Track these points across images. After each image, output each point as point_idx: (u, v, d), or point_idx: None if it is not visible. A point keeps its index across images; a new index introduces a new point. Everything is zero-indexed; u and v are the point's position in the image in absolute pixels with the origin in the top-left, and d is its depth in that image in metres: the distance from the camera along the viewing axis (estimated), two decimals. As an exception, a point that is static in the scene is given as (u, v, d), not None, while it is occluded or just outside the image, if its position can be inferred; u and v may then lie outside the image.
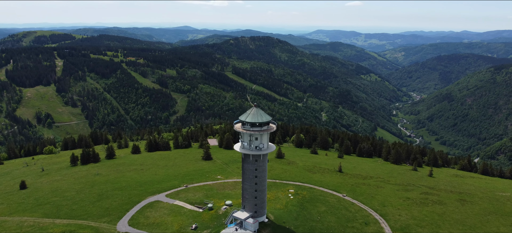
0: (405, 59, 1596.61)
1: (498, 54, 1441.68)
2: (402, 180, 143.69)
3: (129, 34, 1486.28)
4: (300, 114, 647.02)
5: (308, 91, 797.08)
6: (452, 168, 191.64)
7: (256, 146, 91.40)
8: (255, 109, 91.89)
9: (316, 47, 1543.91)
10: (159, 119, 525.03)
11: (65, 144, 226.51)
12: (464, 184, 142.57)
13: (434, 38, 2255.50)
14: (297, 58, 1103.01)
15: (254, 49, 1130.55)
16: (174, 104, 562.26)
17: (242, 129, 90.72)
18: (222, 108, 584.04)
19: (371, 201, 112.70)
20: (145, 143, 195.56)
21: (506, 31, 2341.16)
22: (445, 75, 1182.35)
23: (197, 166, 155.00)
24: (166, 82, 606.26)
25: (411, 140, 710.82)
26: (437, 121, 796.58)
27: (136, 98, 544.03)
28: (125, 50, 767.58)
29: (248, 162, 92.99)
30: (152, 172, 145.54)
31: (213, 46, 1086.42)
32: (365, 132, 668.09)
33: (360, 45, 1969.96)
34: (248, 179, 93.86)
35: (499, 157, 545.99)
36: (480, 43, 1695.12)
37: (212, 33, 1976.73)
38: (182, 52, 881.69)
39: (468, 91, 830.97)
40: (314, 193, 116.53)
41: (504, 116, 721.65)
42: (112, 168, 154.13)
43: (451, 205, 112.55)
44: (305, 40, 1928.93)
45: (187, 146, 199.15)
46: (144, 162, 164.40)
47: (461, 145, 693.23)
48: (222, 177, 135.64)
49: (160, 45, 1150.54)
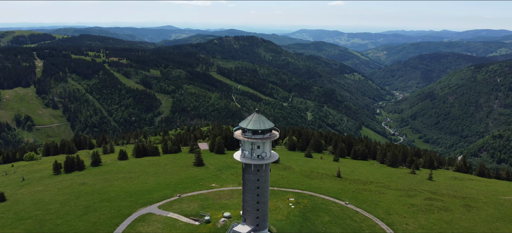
0: (387, 58, 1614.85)
1: (477, 53, 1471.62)
2: (403, 184, 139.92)
3: (111, 34, 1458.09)
4: (286, 113, 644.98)
5: (293, 90, 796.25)
6: (446, 169, 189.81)
7: (258, 155, 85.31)
8: (257, 115, 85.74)
9: (300, 47, 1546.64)
10: (144, 121, 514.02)
11: (47, 149, 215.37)
12: (465, 188, 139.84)
13: (415, 38, 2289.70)
14: (282, 57, 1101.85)
15: (238, 48, 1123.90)
16: (158, 105, 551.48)
17: (243, 137, 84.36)
18: (208, 108, 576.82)
19: (375, 209, 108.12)
20: (132, 148, 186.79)
21: (484, 30, 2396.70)
22: (426, 73, 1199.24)
23: (189, 173, 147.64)
24: (150, 83, 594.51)
25: (395, 139, 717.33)
26: (420, 120, 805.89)
27: (120, 99, 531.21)
28: (107, 50, 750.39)
29: (249, 172, 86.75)
30: (142, 181, 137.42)
31: (197, 46, 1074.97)
32: (350, 131, 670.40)
33: (343, 44, 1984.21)
34: (249, 190, 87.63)
35: (482, 154, 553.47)
36: (460, 42, 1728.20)
37: (196, 32, 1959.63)
38: (166, 52, 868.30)
39: (450, 90, 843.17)
40: (315, 201, 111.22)
41: (485, 114, 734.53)
42: (99, 177, 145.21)
43: (457, 211, 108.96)
44: (289, 39, 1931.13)
45: (176, 151, 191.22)
46: (133, 169, 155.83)
47: (443, 143, 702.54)
48: (217, 185, 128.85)
49: (143, 45, 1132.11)
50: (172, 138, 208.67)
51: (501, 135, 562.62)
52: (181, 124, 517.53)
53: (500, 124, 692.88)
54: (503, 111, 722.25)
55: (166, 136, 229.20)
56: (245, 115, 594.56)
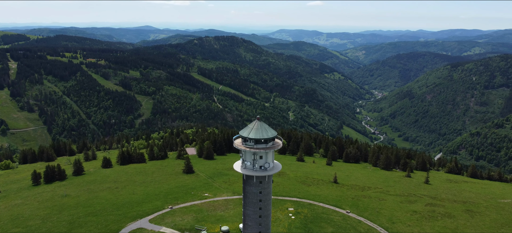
0: (366, 57, 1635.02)
1: (452, 52, 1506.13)
2: (401, 189, 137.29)
3: (88, 34, 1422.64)
4: (268, 114, 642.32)
5: (275, 90, 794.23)
6: (437, 170, 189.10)
7: (261, 165, 79.69)
8: (258, 123, 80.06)
9: (280, 47, 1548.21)
10: (124, 123, 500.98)
11: (24, 157, 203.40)
12: (463, 191, 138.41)
13: (392, 37, 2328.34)
14: (262, 57, 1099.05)
15: (218, 49, 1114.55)
16: (138, 107, 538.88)
17: (244, 147, 78.56)
18: (189, 110, 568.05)
19: (378, 217, 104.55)
20: (116, 155, 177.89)
21: (458, 30, 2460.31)
22: (404, 72, 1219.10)
23: (179, 181, 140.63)
24: (129, 84, 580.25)
25: (375, 137, 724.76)
26: (400, 118, 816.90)
27: (98, 102, 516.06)
28: (84, 51, 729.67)
29: (251, 185, 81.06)
30: (129, 191, 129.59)
31: (177, 46, 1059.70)
32: (332, 130, 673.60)
33: (322, 44, 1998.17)
34: (251, 204, 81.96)
35: (460, 152, 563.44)
36: (436, 41, 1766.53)
37: (175, 33, 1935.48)
38: (145, 53, 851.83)
39: (428, 88, 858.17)
40: (315, 211, 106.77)
41: (462, 112, 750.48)
42: (82, 187, 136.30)
43: (460, 217, 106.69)
44: (269, 39, 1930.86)
45: (163, 157, 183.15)
46: (118, 178, 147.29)
47: (423, 140, 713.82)
48: (210, 195, 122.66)
49: (121, 45, 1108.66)
50: (158, 143, 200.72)
51: (478, 132, 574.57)
52: (163, 126, 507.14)
53: (476, 121, 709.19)
54: (479, 109, 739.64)
55: (150, 141, 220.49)
56: (227, 116, 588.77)
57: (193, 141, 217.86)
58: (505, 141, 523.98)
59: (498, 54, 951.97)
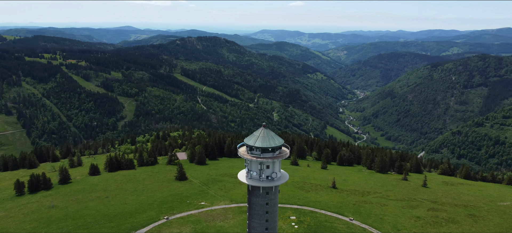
0: (347, 57, 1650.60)
1: (432, 52, 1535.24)
2: (401, 194, 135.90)
3: (67, 35, 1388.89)
4: (252, 114, 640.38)
5: (259, 91, 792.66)
6: (429, 171, 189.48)
7: (268, 175, 76.05)
8: (265, 130, 76.28)
9: (262, 47, 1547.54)
10: (106, 125, 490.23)
11: (4, 163, 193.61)
12: (461, 194, 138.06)
13: (373, 37, 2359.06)
14: (245, 58, 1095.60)
15: (201, 49, 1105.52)
16: (121, 109, 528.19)
17: (250, 156, 74.70)
18: (173, 111, 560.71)
19: (382, 225, 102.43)
20: (104, 161, 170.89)
21: (437, 30, 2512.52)
22: (385, 72, 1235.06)
23: (172, 189, 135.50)
24: (111, 86, 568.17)
25: (358, 137, 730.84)
26: (382, 117, 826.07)
27: (79, 104, 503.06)
28: (64, 52, 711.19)
29: (257, 196, 77.29)
30: (121, 200, 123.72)
31: (159, 46, 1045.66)
32: (316, 130, 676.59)
33: (304, 44, 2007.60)
34: (257, 216, 78.15)
35: (442, 150, 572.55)
36: (415, 42, 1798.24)
37: (156, 33, 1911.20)
38: (127, 54, 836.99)
39: (409, 88, 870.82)
40: (318, 219, 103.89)
41: (442, 111, 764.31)
42: (70, 197, 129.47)
43: (464, 222, 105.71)
44: (251, 40, 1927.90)
45: (153, 163, 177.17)
46: (108, 186, 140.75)
47: (405, 139, 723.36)
48: (206, 203, 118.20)
49: (101, 46, 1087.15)
50: (147, 148, 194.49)
51: (459, 131, 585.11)
52: (146, 128, 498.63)
53: (456, 120, 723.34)
54: (459, 108, 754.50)
55: (138, 145, 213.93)
56: (212, 117, 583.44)
57: (182, 145, 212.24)
58: (485, 139, 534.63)
59: (476, 54, 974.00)
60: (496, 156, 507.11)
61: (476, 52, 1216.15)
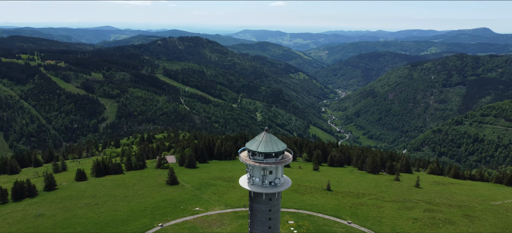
0: (328, 57, 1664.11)
1: (411, 51, 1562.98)
2: (395, 195, 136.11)
3: (45, 35, 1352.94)
4: (236, 115, 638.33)
5: (242, 91, 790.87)
6: (417, 170, 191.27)
7: (271, 181, 74.09)
8: (267, 135, 74.29)
9: (244, 47, 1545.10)
10: (87, 128, 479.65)
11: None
12: (454, 194, 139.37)
13: (353, 37, 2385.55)
14: (228, 58, 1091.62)
15: (183, 49, 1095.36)
16: (102, 111, 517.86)
17: (252, 162, 72.59)
18: (156, 112, 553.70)
19: (381, 227, 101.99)
20: (90, 166, 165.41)
21: (415, 30, 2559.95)
22: (366, 72, 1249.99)
23: (164, 194, 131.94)
24: (92, 87, 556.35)
25: (341, 136, 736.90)
26: (364, 116, 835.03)
27: (59, 106, 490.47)
28: (42, 53, 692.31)
29: (260, 202, 75.20)
30: (111, 207, 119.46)
31: (140, 47, 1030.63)
32: (299, 130, 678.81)
33: (286, 44, 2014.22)
34: (259, 223, 76.06)
35: (424, 149, 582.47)
36: (395, 41, 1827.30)
37: (137, 33, 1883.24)
38: (107, 54, 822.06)
39: (389, 87, 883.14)
40: (316, 223, 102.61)
41: (422, 110, 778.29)
42: (57, 205, 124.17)
43: (460, 223, 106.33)
44: (233, 40, 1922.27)
45: (141, 167, 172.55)
46: (96, 192, 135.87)
47: (386, 138, 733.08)
48: (201, 209, 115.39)
49: (81, 46, 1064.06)
50: (134, 151, 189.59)
51: (440, 129, 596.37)
52: (129, 129, 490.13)
53: (436, 118, 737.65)
54: (438, 107, 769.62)
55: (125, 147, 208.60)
56: (195, 118, 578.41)
57: (170, 148, 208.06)
58: (465, 137, 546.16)
59: (454, 54, 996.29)
60: (475, 154, 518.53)
61: (453, 52, 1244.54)
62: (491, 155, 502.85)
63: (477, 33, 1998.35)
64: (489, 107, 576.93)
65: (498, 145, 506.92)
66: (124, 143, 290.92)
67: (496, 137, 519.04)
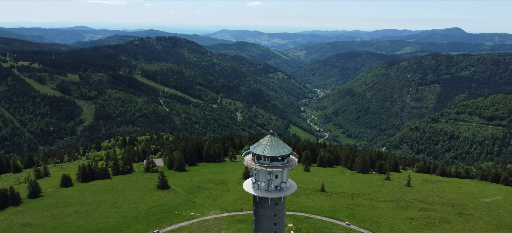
0: (306, 57, 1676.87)
1: (387, 51, 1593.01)
2: (389, 194, 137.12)
3: (16, 35, 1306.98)
4: (216, 115, 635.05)
5: (221, 91, 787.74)
6: (404, 169, 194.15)
7: (277, 185, 72.85)
8: (273, 138, 72.92)
9: (223, 47, 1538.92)
10: (64, 130, 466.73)
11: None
12: (445, 192, 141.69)
13: (330, 37, 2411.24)
14: (207, 58, 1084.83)
15: (161, 50, 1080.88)
16: (79, 113, 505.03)
17: (258, 166, 71.16)
18: (135, 114, 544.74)
19: (380, 228, 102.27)
20: (76, 171, 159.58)
21: (390, 30, 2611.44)
22: (344, 71, 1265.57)
23: (156, 199, 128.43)
24: (68, 89, 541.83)
25: (321, 135, 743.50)
26: (342, 115, 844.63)
27: (34, 108, 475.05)
28: (14, 54, 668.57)
29: (265, 207, 73.77)
30: (102, 214, 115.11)
31: (117, 47, 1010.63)
32: (279, 130, 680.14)
33: (264, 44, 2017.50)
34: (265, 228, 74.61)
35: (402, 146, 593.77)
36: (371, 41, 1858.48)
37: (113, 33, 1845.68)
38: (83, 55, 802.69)
39: (367, 86, 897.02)
40: (315, 225, 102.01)
41: (399, 108, 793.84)
42: (44, 213, 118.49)
43: (456, 222, 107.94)
44: (211, 40, 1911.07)
45: (129, 171, 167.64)
46: (84, 199, 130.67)
47: (365, 136, 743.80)
48: (197, 214, 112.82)
49: (55, 47, 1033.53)
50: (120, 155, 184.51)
51: (417, 127, 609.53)
52: (107, 132, 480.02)
53: (413, 116, 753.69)
54: (415, 105, 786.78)
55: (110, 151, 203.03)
56: (175, 119, 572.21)
57: (156, 151, 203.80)
58: (441, 134, 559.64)
59: (428, 53, 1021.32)
60: (451, 150, 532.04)
61: (427, 51, 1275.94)
62: (467, 152, 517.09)
63: (449, 32, 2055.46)
64: (463, 105, 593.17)
65: (473, 141, 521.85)
66: (106, 146, 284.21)
67: (471, 134, 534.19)
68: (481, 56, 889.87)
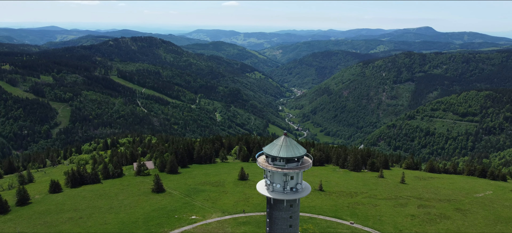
0: (283, 56, 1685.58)
1: (361, 50, 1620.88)
2: (386, 192, 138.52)
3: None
4: (195, 116, 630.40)
5: (199, 91, 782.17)
6: (392, 166, 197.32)
7: (292, 187, 72.25)
8: (287, 139, 72.26)
9: (199, 47, 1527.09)
10: (38, 134, 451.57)
11: None
12: (439, 188, 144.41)
13: (306, 37, 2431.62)
14: (183, 58, 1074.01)
15: (136, 50, 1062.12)
16: (54, 115, 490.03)
17: (273, 167, 70.32)
18: (112, 115, 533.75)
19: (384, 226, 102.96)
20: (60, 176, 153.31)
21: (364, 29, 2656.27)
22: (320, 70, 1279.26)
23: (152, 203, 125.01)
24: (42, 91, 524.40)
25: (299, 134, 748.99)
26: (320, 114, 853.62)
27: (6, 111, 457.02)
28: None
29: (280, 209, 73.03)
30: (99, 221, 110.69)
31: (91, 47, 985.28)
32: (258, 129, 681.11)
33: (240, 44, 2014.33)
34: (280, 230, 73.78)
35: (380, 143, 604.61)
36: (345, 40, 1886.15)
37: (85, 33, 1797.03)
38: (56, 55, 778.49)
39: (344, 85, 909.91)
40: (320, 225, 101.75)
41: (375, 106, 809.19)
42: (36, 221, 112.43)
43: (455, 217, 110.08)
44: (187, 40, 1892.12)
45: (119, 175, 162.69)
46: (77, 205, 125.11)
47: (343, 134, 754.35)
48: (198, 217, 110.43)
49: (25, 48, 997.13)
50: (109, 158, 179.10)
51: (394, 124, 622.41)
52: (84, 134, 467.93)
53: (389, 114, 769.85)
54: (390, 102, 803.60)
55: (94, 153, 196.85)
56: (154, 120, 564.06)
57: (144, 153, 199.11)
58: (417, 131, 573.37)
59: (401, 52, 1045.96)
60: (427, 146, 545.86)
61: (400, 50, 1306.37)
62: (442, 147, 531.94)
63: (421, 31, 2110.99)
64: (438, 102, 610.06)
65: (448, 137, 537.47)
66: (87, 149, 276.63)
67: (446, 130, 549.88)
68: (452, 54, 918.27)
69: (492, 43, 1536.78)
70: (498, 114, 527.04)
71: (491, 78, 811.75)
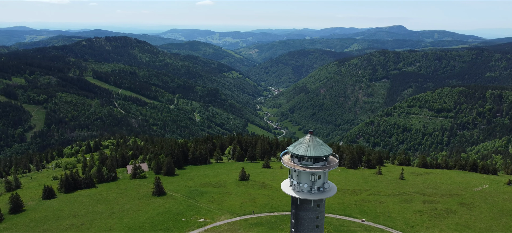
0: (259, 55, 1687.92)
1: (336, 48, 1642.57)
2: (388, 189, 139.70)
3: None
4: (174, 116, 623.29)
5: (177, 92, 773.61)
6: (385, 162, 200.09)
7: (319, 187, 71.31)
8: (313, 138, 71.20)
9: (174, 47, 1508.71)
10: (12, 138, 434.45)
11: None
12: (438, 183, 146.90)
13: (281, 36, 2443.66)
14: (159, 58, 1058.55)
15: (111, 50, 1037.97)
16: (28, 118, 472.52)
17: (301, 167, 69.18)
18: (89, 117, 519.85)
19: (395, 223, 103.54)
20: (56, 182, 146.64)
21: (338, 28, 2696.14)
22: (297, 69, 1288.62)
23: (155, 206, 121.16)
24: (14, 93, 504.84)
25: (278, 132, 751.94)
26: (298, 112, 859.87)
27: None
28: None
29: (307, 209, 71.91)
30: (103, 227, 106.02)
31: (63, 48, 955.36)
32: (238, 129, 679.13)
33: (216, 43, 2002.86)
34: (306, 231, 72.71)
35: (358, 140, 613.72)
36: (320, 39, 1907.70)
37: (56, 33, 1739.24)
38: (27, 56, 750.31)
39: (320, 83, 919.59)
40: (332, 224, 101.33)
41: (352, 103, 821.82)
42: (35, 229, 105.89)
43: (461, 212, 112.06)
44: (161, 39, 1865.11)
45: (114, 178, 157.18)
46: (76, 211, 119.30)
47: (321, 132, 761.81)
48: (207, 220, 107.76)
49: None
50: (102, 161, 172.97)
51: (372, 121, 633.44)
52: (60, 137, 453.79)
53: (365, 111, 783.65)
54: (367, 100, 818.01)
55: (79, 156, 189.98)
56: (132, 121, 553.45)
57: (135, 156, 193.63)
58: (395, 127, 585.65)
59: (376, 49, 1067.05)
60: (405, 142, 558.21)
61: (373, 48, 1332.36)
62: (419, 143, 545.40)
63: (393, 30, 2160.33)
64: (414, 99, 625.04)
65: (424, 133, 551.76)
66: (69, 153, 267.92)
67: (422, 126, 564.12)
68: (425, 52, 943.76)
69: (461, 41, 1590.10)
70: (471, 110, 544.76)
71: (463, 74, 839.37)
